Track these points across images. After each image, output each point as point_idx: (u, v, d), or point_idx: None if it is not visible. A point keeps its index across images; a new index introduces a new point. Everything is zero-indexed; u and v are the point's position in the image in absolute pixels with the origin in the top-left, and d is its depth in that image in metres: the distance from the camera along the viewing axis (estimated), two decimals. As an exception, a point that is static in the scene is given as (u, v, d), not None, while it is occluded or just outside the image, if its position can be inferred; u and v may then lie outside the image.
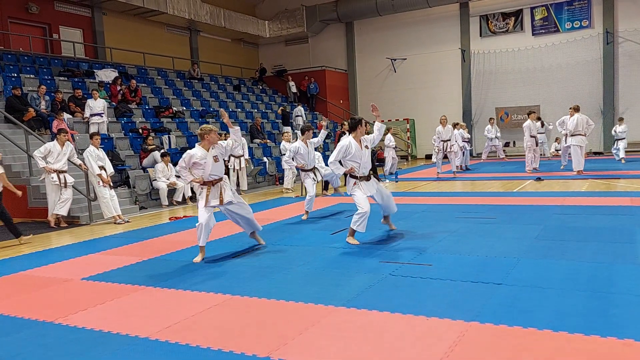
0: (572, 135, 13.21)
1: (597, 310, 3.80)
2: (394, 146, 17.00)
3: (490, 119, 20.36)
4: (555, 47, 21.35)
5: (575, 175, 12.97)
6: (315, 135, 10.72)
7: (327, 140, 17.94)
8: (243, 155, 13.62)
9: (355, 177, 6.64)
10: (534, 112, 15.07)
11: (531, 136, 14.36)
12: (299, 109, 21.56)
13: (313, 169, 9.40)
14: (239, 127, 6.79)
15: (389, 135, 17.08)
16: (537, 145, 14.88)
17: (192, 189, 12.42)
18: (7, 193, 10.86)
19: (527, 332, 3.47)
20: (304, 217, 8.90)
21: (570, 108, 13.57)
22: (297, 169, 9.70)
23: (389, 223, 7.28)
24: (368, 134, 6.87)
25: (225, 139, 6.88)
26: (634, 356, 3.06)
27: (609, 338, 3.29)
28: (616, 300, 3.99)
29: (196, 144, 6.37)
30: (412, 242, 6.47)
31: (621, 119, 17.18)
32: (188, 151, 6.31)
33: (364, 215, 6.45)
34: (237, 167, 13.39)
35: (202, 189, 6.23)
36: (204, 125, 6.33)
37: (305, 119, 21.60)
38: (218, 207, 6.31)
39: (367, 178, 6.69)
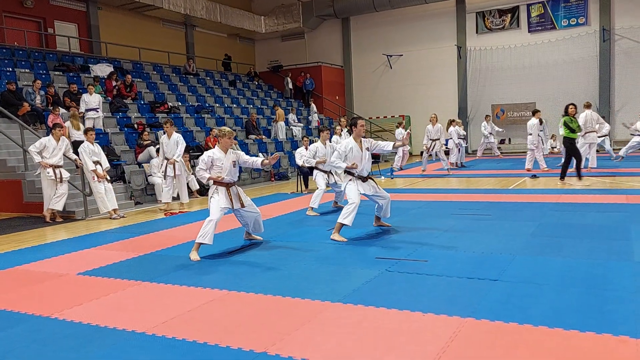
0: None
1: (592, 307, 3.82)
2: None
3: (486, 116, 20.40)
4: (552, 44, 21.38)
5: (572, 172, 12.99)
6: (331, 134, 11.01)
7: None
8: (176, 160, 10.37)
9: (352, 174, 6.70)
10: (539, 111, 14.53)
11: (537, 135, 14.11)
12: (314, 107, 21.97)
13: (329, 172, 9.38)
14: (267, 161, 6.38)
15: (400, 130, 17.22)
16: (543, 144, 14.54)
17: (187, 184, 12.40)
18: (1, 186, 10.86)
19: (523, 328, 3.48)
20: (309, 213, 8.90)
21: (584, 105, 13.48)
22: (310, 169, 9.83)
23: (381, 223, 7.29)
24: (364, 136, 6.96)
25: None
26: (629, 353, 3.07)
27: (604, 335, 3.31)
28: (611, 297, 4.01)
29: (216, 145, 6.40)
30: (408, 239, 6.48)
31: None
32: (206, 152, 6.35)
33: (353, 207, 6.52)
34: (170, 174, 10.37)
35: (217, 188, 6.21)
36: (223, 128, 6.36)
37: (317, 118, 21.79)
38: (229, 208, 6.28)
39: (364, 179, 6.75)
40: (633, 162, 14.77)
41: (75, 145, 10.64)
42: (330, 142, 10.36)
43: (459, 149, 16.75)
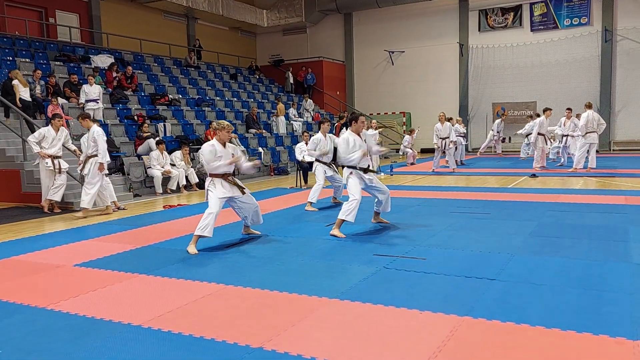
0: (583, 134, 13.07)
1: (589, 307, 3.81)
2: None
3: (501, 114, 20.61)
4: (554, 43, 21.35)
5: (571, 172, 13.01)
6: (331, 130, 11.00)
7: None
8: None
9: (353, 167, 6.68)
10: (550, 110, 14.45)
11: (539, 134, 14.08)
12: (310, 103, 21.82)
13: (329, 164, 9.28)
14: (249, 164, 6.63)
15: (407, 137, 17.38)
16: (547, 143, 14.43)
17: (187, 177, 12.40)
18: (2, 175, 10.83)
19: (520, 328, 3.48)
20: (308, 208, 8.85)
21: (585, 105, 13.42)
22: (310, 163, 9.77)
23: (380, 219, 7.28)
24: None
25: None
26: (626, 354, 3.07)
27: (601, 336, 3.30)
28: (608, 298, 4.00)
29: (214, 138, 6.37)
30: (406, 236, 6.47)
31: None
32: (207, 143, 6.30)
33: (355, 204, 6.50)
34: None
35: (213, 180, 6.21)
36: (221, 121, 6.34)
37: (312, 114, 21.69)
38: (227, 199, 6.29)
39: (365, 171, 6.72)
40: (633, 163, 14.77)
41: (23, 103, 11.15)
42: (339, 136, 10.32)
43: (457, 147, 16.71)
